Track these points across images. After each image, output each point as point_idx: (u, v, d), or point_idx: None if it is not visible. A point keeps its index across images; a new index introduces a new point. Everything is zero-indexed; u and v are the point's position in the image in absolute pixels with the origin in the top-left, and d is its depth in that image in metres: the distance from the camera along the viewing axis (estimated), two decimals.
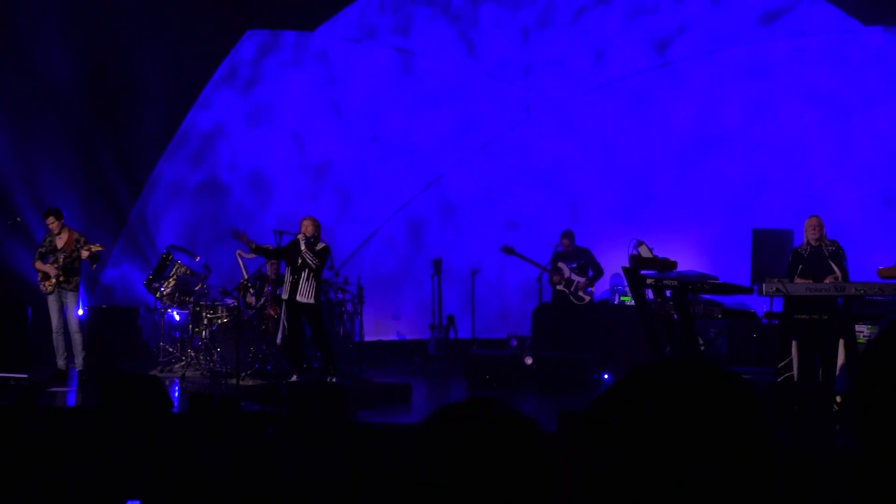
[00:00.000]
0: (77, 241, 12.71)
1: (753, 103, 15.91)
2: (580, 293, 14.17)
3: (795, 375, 11.21)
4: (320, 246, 12.26)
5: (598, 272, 14.30)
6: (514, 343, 14.69)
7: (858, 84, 15.62)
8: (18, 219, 13.50)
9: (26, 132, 15.49)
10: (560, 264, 14.30)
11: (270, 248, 12.64)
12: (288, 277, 12.29)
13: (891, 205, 15.38)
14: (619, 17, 16.54)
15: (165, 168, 16.83)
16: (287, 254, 12.32)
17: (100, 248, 12.89)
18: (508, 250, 14.50)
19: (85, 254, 12.60)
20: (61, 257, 12.65)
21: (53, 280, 12.63)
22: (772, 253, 14.19)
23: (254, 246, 12.33)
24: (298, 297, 12.12)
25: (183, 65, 16.38)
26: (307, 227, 12.19)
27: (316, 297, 12.26)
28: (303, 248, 12.08)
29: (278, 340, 12.56)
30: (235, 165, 16.99)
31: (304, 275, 12.13)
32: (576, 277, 14.20)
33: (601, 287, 15.30)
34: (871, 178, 15.41)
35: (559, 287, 14.27)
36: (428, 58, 16.97)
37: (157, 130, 16.62)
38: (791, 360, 11.36)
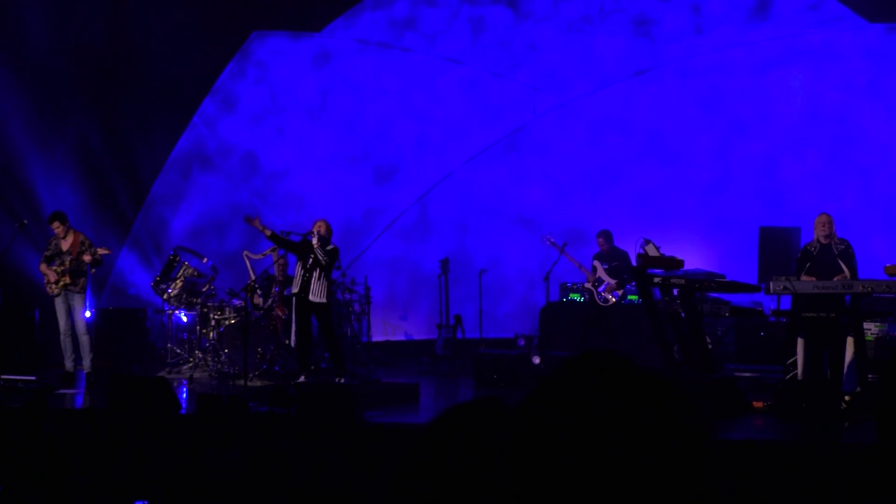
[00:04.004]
0: (82, 243, 12.73)
1: (761, 101, 15.88)
2: (606, 294, 14.04)
3: (800, 373, 11.21)
4: (330, 247, 12.26)
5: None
6: (522, 342, 14.68)
7: (865, 81, 15.59)
8: (25, 221, 13.51)
9: (32, 132, 15.51)
10: (595, 262, 14.22)
11: (283, 237, 12.59)
12: (299, 271, 12.28)
13: None
14: (626, 15, 16.53)
15: (171, 169, 16.84)
16: (298, 249, 12.30)
17: (105, 252, 12.90)
18: (560, 248, 14.26)
19: (87, 258, 12.61)
20: (67, 260, 12.66)
21: (58, 283, 12.64)
22: (779, 251, 14.15)
23: (269, 233, 12.30)
24: (311, 297, 12.10)
25: (189, 65, 16.38)
26: (320, 227, 12.18)
27: (328, 297, 12.27)
28: (315, 244, 12.06)
29: (292, 343, 12.52)
30: (241, 165, 17.00)
31: (315, 274, 12.12)
32: (606, 278, 14.06)
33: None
34: (879, 176, 15.38)
35: (587, 285, 14.21)
36: (436, 57, 16.97)
37: (164, 131, 16.62)
38: (796, 357, 11.36)
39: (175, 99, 16.53)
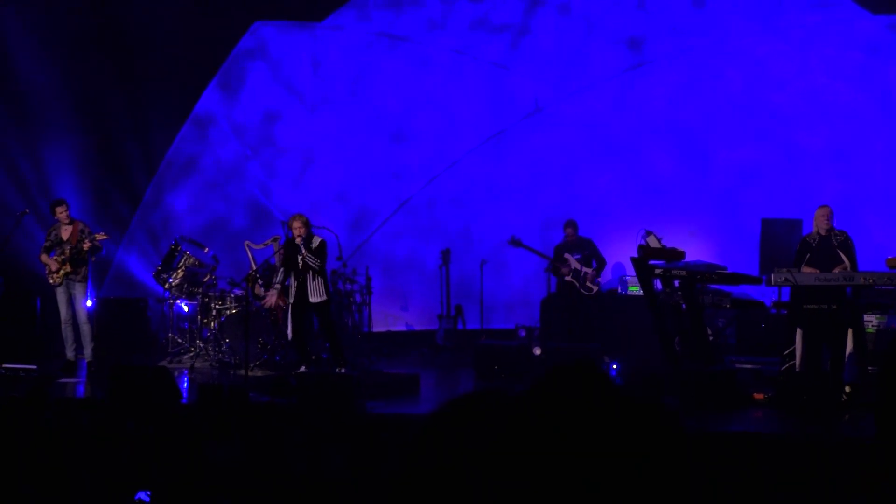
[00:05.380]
0: (82, 231, 12.73)
1: (763, 93, 15.86)
2: (588, 283, 14.13)
3: (798, 364, 11.21)
4: (316, 243, 12.13)
5: (602, 262, 14.28)
6: (523, 333, 14.67)
7: (868, 73, 15.57)
8: (27, 209, 13.51)
9: (32, 121, 15.50)
10: (566, 255, 14.25)
11: (282, 272, 12.47)
12: (293, 283, 12.19)
13: None
14: (630, 6, 16.50)
15: (173, 159, 16.84)
16: (291, 259, 12.19)
17: (104, 237, 12.89)
18: (516, 242, 14.43)
19: (87, 246, 12.60)
20: (67, 249, 12.66)
21: (59, 272, 12.65)
22: (780, 243, 14.16)
23: (280, 281, 12.29)
24: (311, 299, 12.00)
25: (192, 54, 16.37)
26: (299, 229, 11.98)
27: (327, 292, 12.21)
28: (302, 251, 11.96)
29: (289, 336, 12.44)
30: (243, 154, 16.99)
31: (309, 276, 12.04)
32: (583, 268, 14.16)
33: (606, 276, 15.30)
34: (882, 168, 15.36)
35: (567, 278, 14.22)
36: (440, 47, 16.94)
37: (166, 121, 16.61)
38: (794, 348, 11.36)
39: (178, 88, 16.52)
